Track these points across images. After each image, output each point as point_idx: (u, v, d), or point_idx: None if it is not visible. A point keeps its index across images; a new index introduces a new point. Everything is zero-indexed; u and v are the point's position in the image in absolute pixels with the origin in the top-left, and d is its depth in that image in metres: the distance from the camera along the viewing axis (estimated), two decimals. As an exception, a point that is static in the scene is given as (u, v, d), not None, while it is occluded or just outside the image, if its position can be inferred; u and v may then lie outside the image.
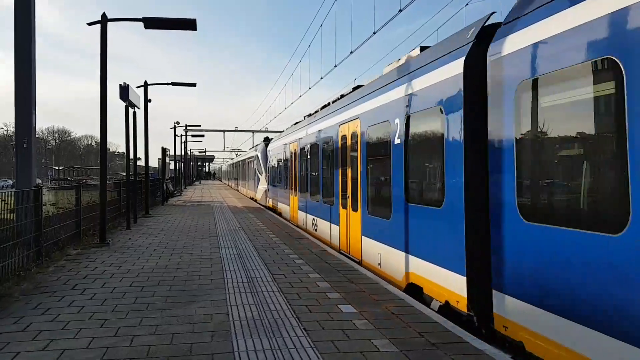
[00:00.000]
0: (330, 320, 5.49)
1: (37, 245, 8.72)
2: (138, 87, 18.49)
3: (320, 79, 22.46)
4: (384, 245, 8.05)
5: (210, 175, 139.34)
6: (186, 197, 33.46)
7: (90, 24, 11.70)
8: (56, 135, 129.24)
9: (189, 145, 63.39)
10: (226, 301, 6.29)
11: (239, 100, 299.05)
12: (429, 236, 6.50)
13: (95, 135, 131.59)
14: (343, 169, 10.45)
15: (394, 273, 7.64)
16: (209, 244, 11.25)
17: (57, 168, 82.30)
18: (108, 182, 14.68)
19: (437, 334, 5.00)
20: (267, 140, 28.32)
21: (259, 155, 27.85)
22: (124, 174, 18.75)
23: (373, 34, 13.50)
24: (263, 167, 26.67)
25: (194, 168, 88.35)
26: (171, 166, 50.21)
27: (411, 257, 7.00)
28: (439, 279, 6.15)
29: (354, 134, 9.69)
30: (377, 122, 8.38)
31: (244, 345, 4.68)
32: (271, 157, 23.08)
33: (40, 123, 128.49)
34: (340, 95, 12.36)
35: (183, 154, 53.00)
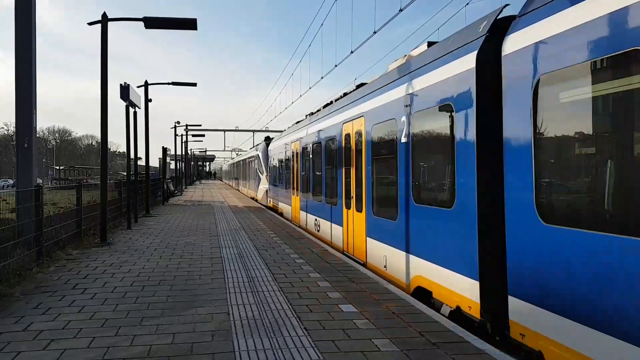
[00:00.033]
0: (330, 319, 5.49)
1: (38, 244, 8.72)
2: (139, 87, 18.50)
3: (320, 79, 22.47)
4: (390, 247, 7.80)
5: (211, 175, 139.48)
6: (187, 197, 33.47)
7: (90, 23, 11.72)
8: (57, 135, 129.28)
9: (190, 145, 63.38)
10: (227, 301, 6.29)
11: (239, 100, 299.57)
12: (438, 238, 6.24)
13: (96, 135, 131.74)
14: (347, 169, 10.21)
15: (400, 276, 7.41)
16: (210, 244, 11.26)
17: (58, 168, 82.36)
18: (109, 182, 14.70)
19: (438, 334, 5.00)
20: (268, 139, 28.10)
21: (260, 154, 27.69)
22: (125, 173, 18.76)
23: (373, 34, 13.49)
24: (264, 167, 26.54)
25: (195, 168, 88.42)
26: (172, 166, 50.29)
27: (419, 260, 6.75)
28: (450, 283, 5.90)
29: (359, 133, 9.44)
30: (383, 120, 8.14)
31: (245, 345, 4.68)
32: (272, 157, 22.89)
33: (41, 123, 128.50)
34: (343, 94, 12.10)
35: (184, 153, 53.04)
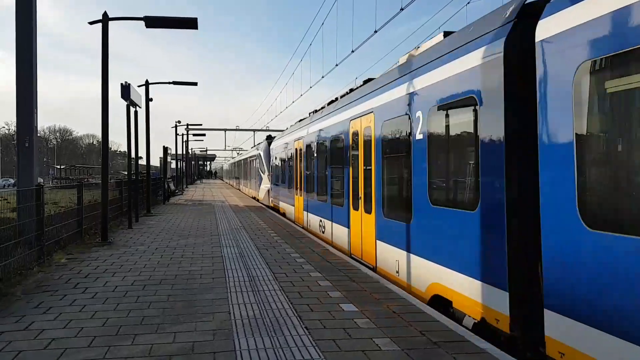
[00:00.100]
0: (331, 319, 5.49)
1: (39, 244, 8.73)
2: (139, 86, 18.51)
3: (321, 78, 22.46)
4: (403, 252, 7.28)
5: (212, 175, 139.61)
6: (187, 196, 33.49)
7: (91, 22, 11.73)
8: (57, 134, 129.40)
9: (191, 144, 63.36)
10: (228, 300, 6.29)
11: (240, 100, 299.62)
12: (460, 243, 5.70)
13: (97, 134, 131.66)
14: (354, 168, 9.75)
15: (415, 283, 6.88)
16: (211, 243, 11.26)
17: (59, 167, 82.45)
18: (110, 181, 14.72)
19: (439, 333, 5.00)
20: (270, 138, 27.94)
21: (262, 153, 27.54)
22: (126, 172, 18.77)
23: (374, 33, 13.50)
24: (266, 166, 26.41)
25: (195, 167, 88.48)
26: (172, 165, 50.33)
27: (436, 266, 6.24)
28: (473, 292, 5.41)
29: (367, 130, 8.96)
30: (395, 116, 7.63)
31: (246, 344, 4.69)
32: (274, 156, 22.66)
33: (42, 122, 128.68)
34: (350, 90, 11.67)
35: (184, 153, 53.06)
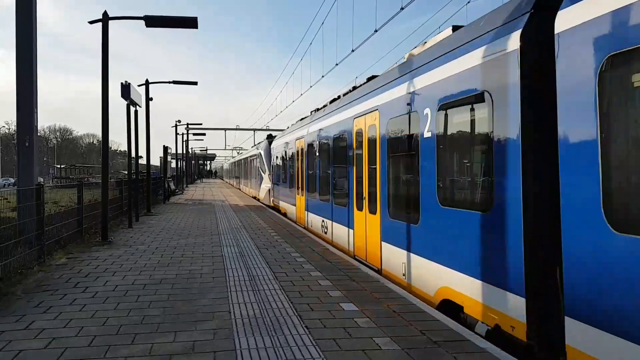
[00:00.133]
0: (331, 318, 5.49)
1: (39, 243, 8.73)
2: (139, 86, 18.50)
3: (321, 77, 22.44)
4: (410, 254, 7.07)
5: (212, 174, 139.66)
6: (188, 196, 33.50)
7: (91, 22, 11.71)
8: (58, 133, 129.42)
9: (191, 144, 63.39)
10: (228, 299, 6.29)
11: (240, 100, 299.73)
12: (472, 246, 5.48)
13: (97, 133, 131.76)
14: (358, 167, 9.51)
15: (423, 286, 6.65)
16: (211, 242, 11.27)
17: (59, 166, 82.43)
18: (110, 181, 14.73)
19: (439, 332, 5.00)
20: (271, 137, 27.86)
21: (262, 153, 27.45)
22: (126, 172, 18.77)
23: (374, 32, 13.50)
24: (266, 165, 26.33)
25: (196, 166, 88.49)
26: (173, 164, 50.30)
27: (446, 269, 6.01)
28: (486, 298, 5.20)
29: (372, 128, 8.72)
30: (402, 114, 7.39)
31: (246, 343, 4.69)
32: (275, 155, 22.55)
33: (42, 121, 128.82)
34: (352, 87, 11.52)
35: (184, 152, 53.07)
